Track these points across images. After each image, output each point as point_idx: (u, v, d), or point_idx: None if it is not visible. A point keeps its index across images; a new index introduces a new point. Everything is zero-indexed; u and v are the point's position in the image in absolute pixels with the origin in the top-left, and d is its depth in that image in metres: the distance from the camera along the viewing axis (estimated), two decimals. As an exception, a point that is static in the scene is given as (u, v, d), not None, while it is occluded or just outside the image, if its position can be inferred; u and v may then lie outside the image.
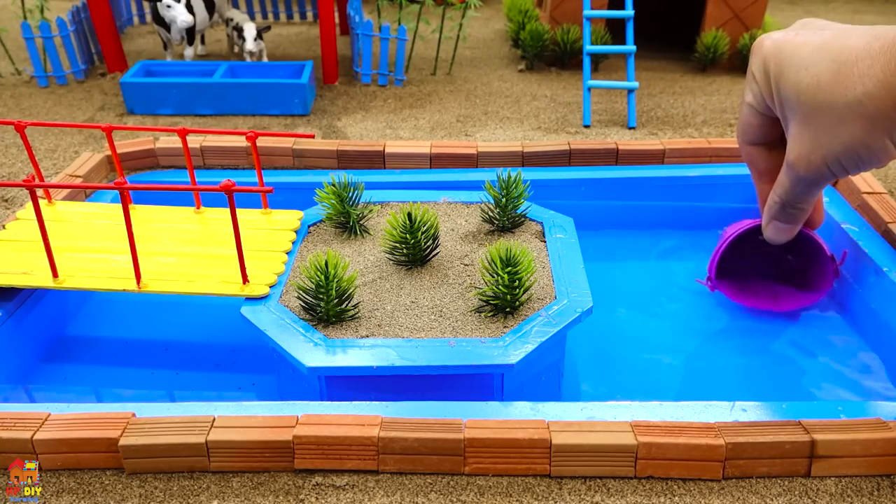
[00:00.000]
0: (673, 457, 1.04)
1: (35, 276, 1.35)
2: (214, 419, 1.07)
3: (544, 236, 1.52)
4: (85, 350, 1.51)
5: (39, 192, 1.63)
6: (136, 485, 1.05)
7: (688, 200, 1.96)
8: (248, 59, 2.86)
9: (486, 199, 1.58)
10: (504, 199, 1.51)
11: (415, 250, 1.38)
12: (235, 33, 2.94)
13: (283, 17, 3.93)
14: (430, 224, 1.39)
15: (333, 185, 1.51)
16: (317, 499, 1.03)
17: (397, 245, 1.39)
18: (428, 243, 1.40)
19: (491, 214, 1.55)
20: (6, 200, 1.88)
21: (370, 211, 1.56)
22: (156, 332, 1.56)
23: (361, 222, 1.54)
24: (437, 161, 1.94)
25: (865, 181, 1.77)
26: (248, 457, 1.05)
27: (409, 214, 1.36)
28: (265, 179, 1.78)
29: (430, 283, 1.36)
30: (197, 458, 1.05)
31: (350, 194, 1.52)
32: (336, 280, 1.22)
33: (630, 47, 2.42)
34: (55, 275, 1.33)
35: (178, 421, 1.07)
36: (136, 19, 3.83)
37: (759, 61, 0.96)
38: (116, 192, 1.51)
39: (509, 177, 1.51)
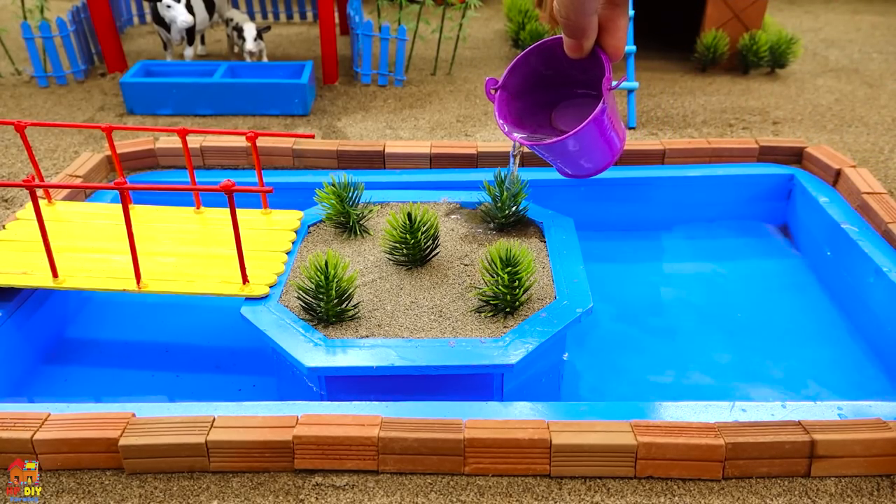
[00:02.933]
0: (673, 457, 1.04)
1: (35, 276, 1.35)
2: (214, 419, 1.07)
3: (544, 236, 1.52)
4: (85, 351, 1.51)
5: (39, 192, 1.63)
6: (136, 485, 1.05)
7: (688, 200, 1.96)
8: (248, 59, 2.86)
9: (486, 199, 1.58)
10: (503, 196, 1.51)
11: (414, 250, 1.39)
12: (235, 33, 2.94)
13: (283, 17, 3.93)
14: (430, 224, 1.39)
15: (333, 185, 1.51)
16: (317, 499, 1.03)
17: (397, 245, 1.39)
18: (428, 243, 1.40)
19: (490, 214, 1.55)
20: (6, 200, 1.88)
21: (370, 211, 1.56)
22: (156, 333, 1.56)
23: (361, 222, 1.54)
24: (437, 161, 1.94)
25: (865, 181, 1.77)
26: (248, 457, 1.05)
27: (409, 214, 1.36)
28: (265, 179, 1.78)
29: (430, 283, 1.36)
30: (197, 458, 1.05)
31: (350, 194, 1.52)
32: (336, 280, 1.22)
33: (630, 47, 2.42)
34: (55, 275, 1.33)
35: (178, 421, 1.07)
36: (136, 19, 3.83)
37: None
38: (116, 192, 1.51)
39: (507, 176, 1.51)
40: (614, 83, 1.08)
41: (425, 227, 1.38)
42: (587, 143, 1.18)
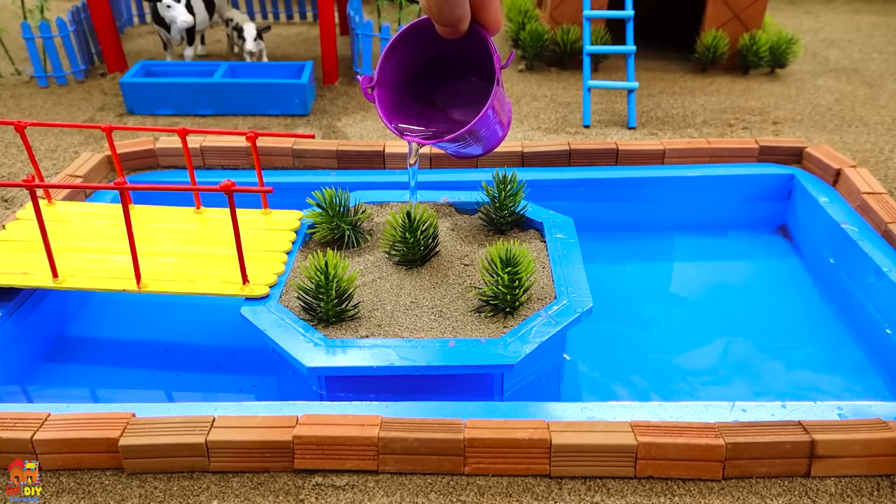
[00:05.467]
0: (673, 457, 1.04)
1: (35, 276, 1.35)
2: (214, 419, 1.07)
3: (544, 236, 1.52)
4: (85, 350, 1.51)
5: (39, 192, 1.63)
6: (136, 485, 1.05)
7: (688, 200, 1.96)
8: (248, 59, 2.86)
9: (485, 199, 1.58)
10: (501, 195, 1.51)
11: (414, 249, 1.38)
12: (235, 33, 2.94)
13: (283, 17, 3.93)
14: (429, 223, 1.39)
15: (321, 207, 1.47)
16: (317, 499, 1.03)
17: (397, 244, 1.39)
18: (427, 242, 1.40)
19: (490, 214, 1.55)
20: (6, 200, 1.88)
21: (363, 212, 1.55)
22: (156, 333, 1.56)
23: (358, 226, 1.52)
24: (437, 161, 1.94)
25: (865, 181, 1.77)
26: (248, 457, 1.05)
27: (409, 213, 1.36)
28: (265, 179, 1.78)
29: (430, 283, 1.36)
30: (197, 458, 1.05)
31: (340, 209, 1.49)
32: (336, 280, 1.22)
33: (630, 47, 2.42)
34: (55, 275, 1.33)
35: (178, 421, 1.07)
36: (136, 19, 3.83)
37: None
38: (116, 192, 1.51)
39: (504, 176, 1.51)
40: (504, 62, 1.06)
41: (424, 226, 1.38)
42: (483, 128, 1.15)
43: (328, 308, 1.23)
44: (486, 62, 1.10)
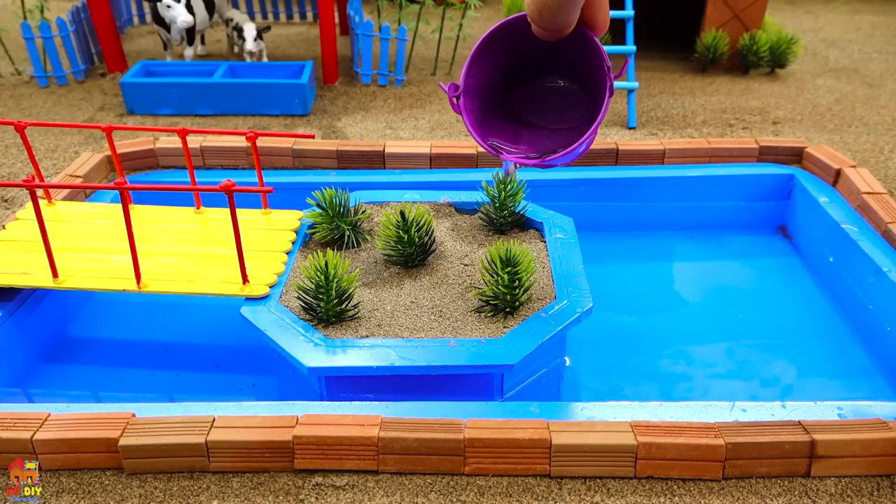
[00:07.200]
0: (673, 457, 1.04)
1: (35, 276, 1.35)
2: (214, 419, 1.07)
3: (544, 236, 1.52)
4: (85, 351, 1.51)
5: (39, 192, 1.63)
6: (136, 485, 1.05)
7: (688, 200, 1.96)
8: (248, 59, 2.86)
9: (485, 199, 1.58)
10: (501, 195, 1.51)
11: (410, 248, 1.38)
12: (235, 33, 2.94)
13: (283, 17, 3.93)
14: (424, 221, 1.39)
15: (321, 207, 1.47)
16: (317, 499, 1.03)
17: (392, 244, 1.39)
18: (423, 240, 1.40)
19: (490, 214, 1.55)
20: (6, 200, 1.88)
21: (364, 213, 1.55)
22: (156, 333, 1.56)
23: (357, 227, 1.52)
24: (437, 161, 1.94)
25: (865, 181, 1.77)
26: (248, 457, 1.05)
27: (402, 213, 1.36)
28: (265, 179, 1.78)
29: (430, 283, 1.36)
30: (197, 458, 1.05)
31: (340, 209, 1.48)
32: (336, 280, 1.22)
33: (630, 47, 2.42)
34: (55, 275, 1.33)
35: (178, 421, 1.07)
36: (136, 19, 3.83)
37: None
38: (116, 192, 1.51)
39: (505, 176, 1.51)
40: (618, 71, 0.93)
41: (419, 225, 1.38)
42: (586, 145, 1.10)
43: (328, 308, 1.23)
44: (580, 62, 0.97)
